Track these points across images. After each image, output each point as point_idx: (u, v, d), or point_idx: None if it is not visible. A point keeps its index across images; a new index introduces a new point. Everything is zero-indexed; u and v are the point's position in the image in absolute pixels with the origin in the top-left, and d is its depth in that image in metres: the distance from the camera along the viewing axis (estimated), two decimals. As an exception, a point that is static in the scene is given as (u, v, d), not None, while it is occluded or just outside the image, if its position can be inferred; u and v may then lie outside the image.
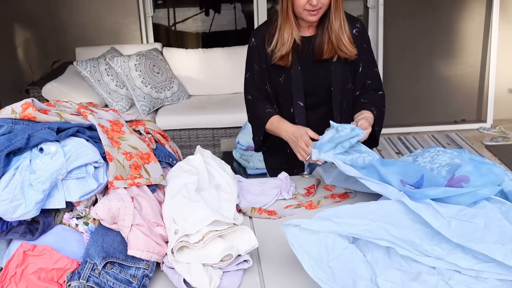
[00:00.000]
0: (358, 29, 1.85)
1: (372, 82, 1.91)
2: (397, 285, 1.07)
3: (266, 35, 1.83)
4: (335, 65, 1.83)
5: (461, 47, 4.44)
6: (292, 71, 1.82)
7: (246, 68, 1.93)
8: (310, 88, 1.85)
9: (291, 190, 1.64)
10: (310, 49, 1.82)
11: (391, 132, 4.47)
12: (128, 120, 1.64)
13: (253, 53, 1.88)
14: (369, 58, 1.90)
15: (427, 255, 1.16)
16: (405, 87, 4.47)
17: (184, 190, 1.36)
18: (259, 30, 1.89)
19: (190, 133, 3.75)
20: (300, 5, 1.69)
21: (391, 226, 1.19)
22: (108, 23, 4.42)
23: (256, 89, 1.89)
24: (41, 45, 4.48)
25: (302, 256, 1.10)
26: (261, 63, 1.86)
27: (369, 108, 1.81)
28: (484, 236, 1.18)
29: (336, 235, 1.15)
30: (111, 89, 3.78)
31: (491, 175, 1.34)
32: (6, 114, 1.36)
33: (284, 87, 1.86)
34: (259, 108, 1.88)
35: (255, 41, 1.86)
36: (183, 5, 6.26)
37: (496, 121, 4.53)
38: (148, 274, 1.20)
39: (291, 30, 1.76)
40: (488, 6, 4.32)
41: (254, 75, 1.88)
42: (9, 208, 1.19)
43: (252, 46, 1.88)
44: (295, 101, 1.85)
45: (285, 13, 1.74)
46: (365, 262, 1.14)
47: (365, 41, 1.88)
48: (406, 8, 4.33)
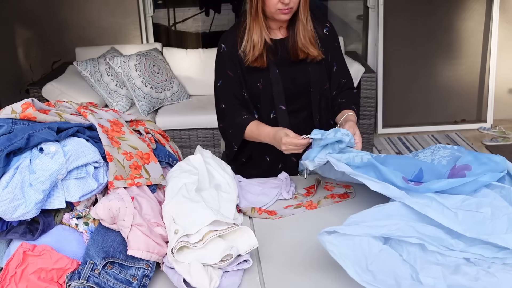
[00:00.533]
0: (328, 28, 1.86)
1: (347, 80, 1.91)
2: (439, 280, 1.08)
3: (236, 39, 1.78)
4: (312, 66, 1.82)
5: (461, 47, 4.44)
6: (270, 74, 1.79)
7: (216, 77, 1.86)
8: (290, 91, 1.82)
9: (291, 190, 1.64)
10: (285, 51, 1.80)
11: (391, 132, 4.47)
12: (128, 120, 1.64)
13: (224, 59, 1.82)
14: (341, 57, 1.92)
15: (452, 249, 1.18)
16: (406, 87, 4.48)
17: (184, 190, 1.36)
18: (227, 35, 1.83)
19: (190, 133, 3.75)
20: (272, 4, 1.67)
21: (416, 223, 1.20)
22: (108, 23, 4.42)
23: (230, 97, 1.82)
24: (41, 45, 4.48)
25: (344, 262, 1.09)
26: (235, 69, 1.80)
27: (349, 107, 1.81)
28: (494, 226, 1.19)
29: (370, 238, 1.14)
30: (111, 89, 3.78)
31: (491, 163, 1.35)
32: (6, 114, 1.35)
33: (263, 91, 1.81)
34: (235, 116, 1.81)
35: (226, 47, 1.81)
36: (183, 5, 6.27)
37: (496, 121, 4.54)
38: (148, 274, 1.20)
39: (260, 30, 1.73)
40: (488, 6, 4.32)
41: (228, 82, 1.82)
42: (9, 208, 1.19)
43: (222, 52, 1.82)
44: (277, 105, 1.81)
45: (254, 13, 1.71)
46: (402, 261, 1.14)
47: (336, 40, 1.89)
48: (406, 8, 4.33)
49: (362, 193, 1.59)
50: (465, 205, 1.24)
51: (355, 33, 5.19)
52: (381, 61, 4.33)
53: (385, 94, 4.42)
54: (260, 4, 1.69)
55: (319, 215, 1.50)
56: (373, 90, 3.83)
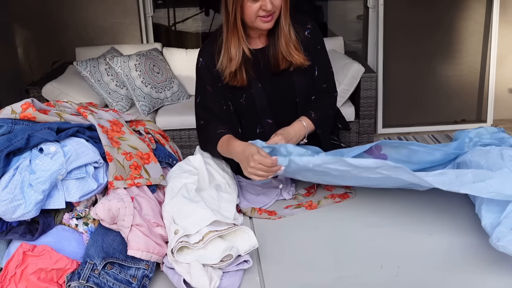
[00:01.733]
0: (310, 30, 1.72)
1: (327, 85, 1.80)
2: None
3: (214, 53, 1.66)
4: (296, 74, 1.70)
5: (461, 47, 4.44)
6: (252, 90, 1.68)
7: (196, 93, 1.74)
8: (275, 104, 1.72)
9: (291, 190, 1.64)
10: (266, 61, 1.69)
11: (391, 132, 4.47)
12: (128, 120, 1.64)
13: (203, 74, 1.69)
14: (324, 59, 1.78)
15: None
16: (405, 87, 4.47)
17: (184, 190, 1.36)
18: (205, 48, 1.70)
19: (190, 133, 3.74)
20: (252, 12, 1.54)
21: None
22: (108, 23, 4.42)
23: (209, 113, 1.70)
24: (41, 45, 4.47)
25: None
26: (215, 83, 1.68)
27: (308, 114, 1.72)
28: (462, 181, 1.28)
29: None
30: (111, 89, 3.78)
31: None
32: (6, 114, 1.35)
33: (247, 108, 1.71)
34: (211, 131, 1.67)
35: (204, 61, 1.69)
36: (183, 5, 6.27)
37: (496, 121, 4.53)
38: (148, 275, 1.20)
39: (238, 42, 1.60)
40: (488, 6, 4.32)
41: (207, 98, 1.70)
42: (9, 208, 1.18)
43: (200, 66, 1.70)
44: (262, 119, 1.72)
45: (232, 24, 1.58)
46: None
47: (318, 42, 1.75)
48: (406, 8, 4.33)
49: (362, 193, 1.59)
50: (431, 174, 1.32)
51: (355, 33, 5.20)
52: (381, 61, 4.33)
53: (385, 94, 4.42)
54: (239, 14, 1.56)
55: (319, 215, 1.50)
56: (373, 90, 3.83)
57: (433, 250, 1.30)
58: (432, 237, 1.35)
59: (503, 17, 4.34)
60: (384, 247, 1.31)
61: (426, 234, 1.36)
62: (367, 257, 1.28)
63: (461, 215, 1.44)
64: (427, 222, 1.41)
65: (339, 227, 1.43)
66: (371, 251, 1.30)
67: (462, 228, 1.37)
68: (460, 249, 1.29)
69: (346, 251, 1.31)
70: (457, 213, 1.45)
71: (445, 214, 1.45)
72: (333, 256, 1.29)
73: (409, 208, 1.49)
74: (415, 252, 1.29)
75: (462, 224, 1.40)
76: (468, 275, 1.19)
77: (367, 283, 1.19)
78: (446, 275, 1.20)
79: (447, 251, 1.29)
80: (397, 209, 1.49)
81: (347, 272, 1.22)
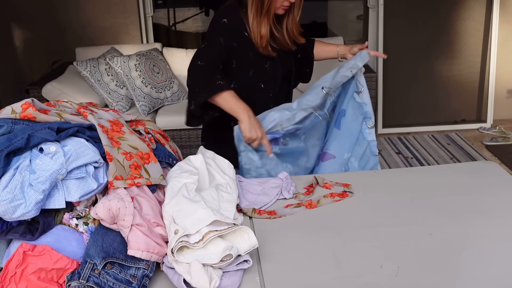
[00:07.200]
0: None
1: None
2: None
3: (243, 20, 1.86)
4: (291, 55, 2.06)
5: (461, 47, 4.44)
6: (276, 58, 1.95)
7: (204, 40, 1.86)
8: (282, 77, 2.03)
9: (291, 189, 1.64)
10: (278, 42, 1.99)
11: (391, 132, 4.47)
12: (128, 120, 1.64)
13: (222, 28, 1.84)
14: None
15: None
16: (405, 87, 4.48)
17: (184, 190, 1.36)
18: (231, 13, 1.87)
19: (190, 133, 3.75)
20: (280, 2, 1.85)
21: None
22: (108, 23, 4.42)
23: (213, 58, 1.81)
24: (41, 45, 4.47)
25: None
26: (230, 41, 1.84)
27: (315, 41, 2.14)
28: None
29: None
30: (111, 89, 3.78)
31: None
32: (6, 114, 1.35)
33: (270, 73, 1.95)
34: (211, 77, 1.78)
35: (228, 21, 1.85)
36: (183, 5, 6.27)
37: (496, 121, 4.54)
38: (148, 274, 1.20)
39: (269, 25, 1.88)
40: (488, 6, 4.32)
41: (215, 46, 1.82)
42: (9, 208, 1.18)
43: (223, 23, 1.84)
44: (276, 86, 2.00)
45: (266, 11, 1.84)
46: None
47: None
48: (406, 8, 4.33)
49: (361, 192, 1.59)
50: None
51: (355, 33, 5.20)
52: (381, 61, 4.33)
53: (385, 94, 4.42)
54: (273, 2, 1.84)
55: (319, 215, 1.50)
56: (373, 90, 3.83)
57: (433, 250, 1.30)
58: (432, 237, 1.35)
59: (503, 17, 4.34)
60: (384, 247, 1.32)
61: (426, 234, 1.36)
62: (367, 257, 1.28)
63: (461, 215, 1.44)
64: (427, 222, 1.42)
65: (339, 227, 1.43)
66: (371, 251, 1.30)
67: (462, 228, 1.38)
68: (460, 249, 1.29)
69: (346, 251, 1.31)
70: (457, 213, 1.45)
71: (445, 214, 1.45)
72: (333, 256, 1.29)
73: (409, 208, 1.49)
74: (415, 252, 1.29)
75: (462, 224, 1.40)
76: (468, 275, 1.19)
77: (367, 283, 1.19)
78: (446, 275, 1.20)
79: (447, 251, 1.29)
80: (397, 209, 1.49)
81: (347, 272, 1.22)
